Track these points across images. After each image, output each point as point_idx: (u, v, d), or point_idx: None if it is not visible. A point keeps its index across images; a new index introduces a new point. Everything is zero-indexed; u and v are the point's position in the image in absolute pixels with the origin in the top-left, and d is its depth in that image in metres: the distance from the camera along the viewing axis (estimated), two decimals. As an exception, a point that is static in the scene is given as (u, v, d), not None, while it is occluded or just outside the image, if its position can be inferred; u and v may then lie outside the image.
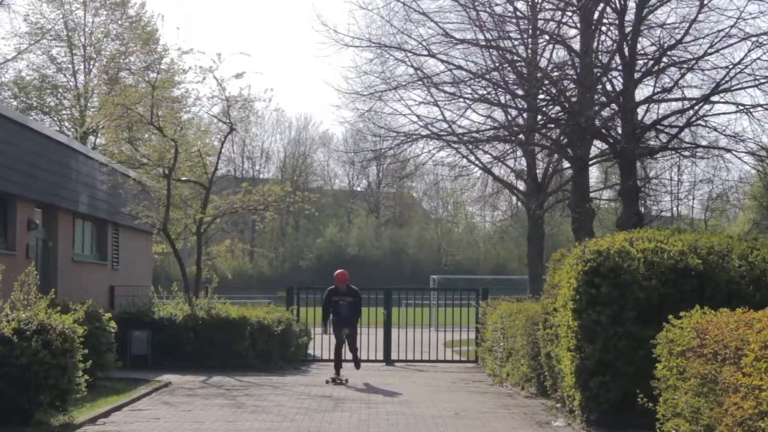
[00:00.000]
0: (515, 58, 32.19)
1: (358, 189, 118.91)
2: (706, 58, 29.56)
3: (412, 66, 32.82)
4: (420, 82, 32.84)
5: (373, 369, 27.87)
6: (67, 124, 54.66)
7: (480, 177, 43.87)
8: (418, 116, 34.35)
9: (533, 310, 20.77)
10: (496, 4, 32.06)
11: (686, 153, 33.04)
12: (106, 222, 34.38)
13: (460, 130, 34.16)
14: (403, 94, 34.30)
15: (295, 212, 39.22)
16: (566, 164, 37.07)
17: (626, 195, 30.05)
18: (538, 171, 38.88)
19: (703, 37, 29.66)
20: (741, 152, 31.37)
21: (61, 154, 29.43)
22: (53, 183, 28.36)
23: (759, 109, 29.67)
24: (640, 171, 33.74)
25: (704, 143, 32.29)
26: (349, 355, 25.96)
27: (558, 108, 31.50)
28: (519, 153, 38.46)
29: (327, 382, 24.09)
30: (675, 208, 79.64)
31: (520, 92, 32.43)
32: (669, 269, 15.34)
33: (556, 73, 31.72)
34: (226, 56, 78.31)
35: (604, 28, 30.91)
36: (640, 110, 30.74)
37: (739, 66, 28.96)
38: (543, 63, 33.13)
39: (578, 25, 31.29)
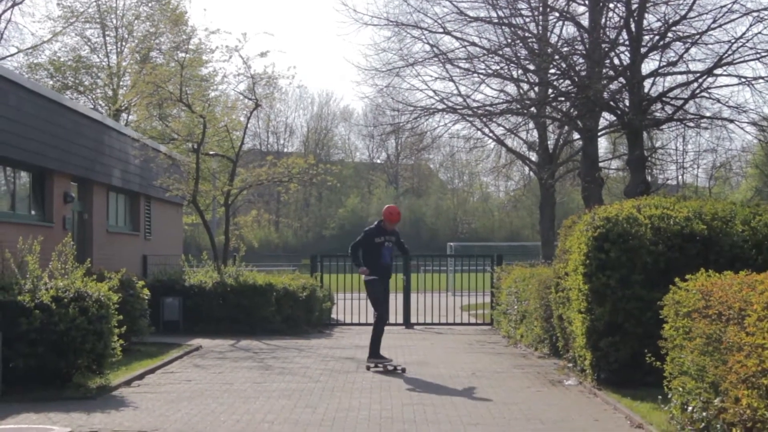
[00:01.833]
0: (527, 34, 32.12)
1: (378, 161, 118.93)
2: (709, 32, 29.53)
3: (428, 43, 32.82)
4: (436, 59, 32.82)
5: (393, 332, 27.87)
6: (101, 102, 54.73)
7: (494, 148, 44.00)
8: (434, 91, 34.40)
9: (545, 274, 20.75)
10: (509, -17, 32.00)
11: (691, 124, 33.00)
12: (139, 195, 34.44)
13: (475, 104, 34.15)
14: (420, 70, 34.28)
15: (318, 184, 39.28)
16: (576, 136, 37.05)
17: (634, 164, 30.03)
18: (549, 142, 38.88)
19: (707, 13, 29.63)
20: (743, 123, 31.38)
21: (96, 130, 29.47)
22: (88, 158, 28.41)
23: (760, 81, 29.65)
24: (646, 141, 33.79)
25: (708, 114, 32.28)
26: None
27: (568, 82, 31.47)
28: (531, 125, 38.49)
29: (368, 368, 18.95)
30: (680, 177, 79.61)
31: (531, 67, 32.39)
32: (675, 234, 15.32)
33: (565, 49, 31.65)
34: (251, 36, 78.48)
35: (611, 5, 30.82)
36: (647, 83, 30.70)
37: (741, 40, 28.91)
38: (553, 39, 33.09)
39: (587, 2, 31.22)
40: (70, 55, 55.69)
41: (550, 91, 32.80)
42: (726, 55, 29.09)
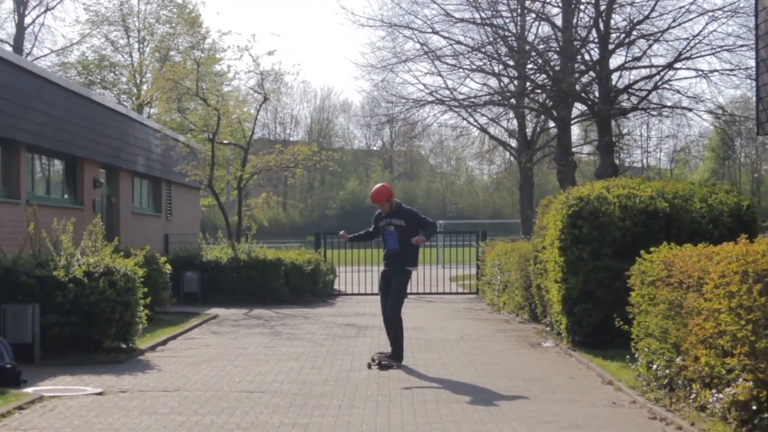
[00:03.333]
0: (507, 33, 32.17)
1: (374, 148, 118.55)
2: (670, 30, 29.66)
3: (418, 42, 32.89)
4: (425, 56, 32.89)
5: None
6: (125, 96, 54.68)
7: (478, 136, 44.05)
8: (424, 85, 34.47)
9: (525, 248, 20.77)
10: (490, -13, 32.08)
11: (654, 112, 33.15)
12: (160, 180, 34.39)
13: (461, 96, 34.22)
14: (411, 67, 34.47)
15: (321, 169, 39.31)
16: (551, 124, 37.08)
17: (603, 149, 30.10)
18: (527, 130, 38.90)
19: (667, 13, 29.76)
20: (701, 111, 31.57)
21: (121, 122, 29.41)
22: (115, 147, 28.36)
23: (715, 74, 29.80)
24: (614, 128, 33.82)
25: (669, 104, 32.36)
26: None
27: (544, 76, 31.52)
28: (511, 115, 38.49)
29: (369, 366, 14.43)
30: (645, 160, 79.60)
31: (511, 63, 32.43)
32: (640, 212, 15.32)
33: (541, 46, 31.72)
34: (259, 37, 78.22)
35: (582, 7, 30.91)
36: (614, 76, 30.82)
37: (698, 37, 29.07)
38: (530, 37, 33.11)
39: (560, 4, 31.26)
40: (96, 55, 55.67)
41: (528, 84, 32.86)
42: (685, 50, 29.24)
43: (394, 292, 14.99)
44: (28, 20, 58.88)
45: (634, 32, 29.88)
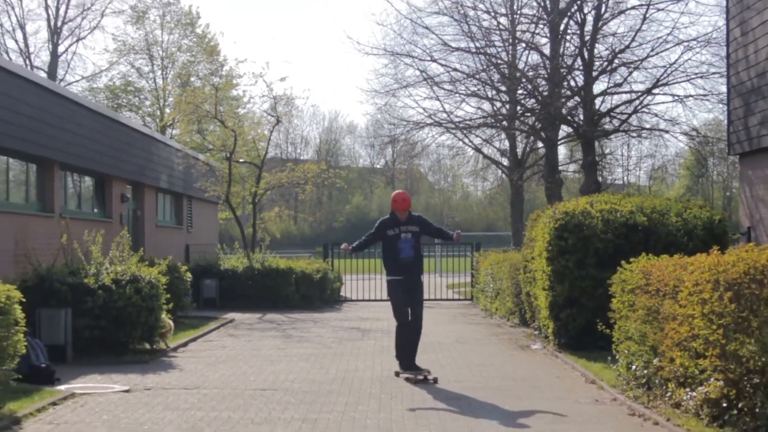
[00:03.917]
0: (499, 61, 32.28)
1: (378, 166, 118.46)
2: (648, 59, 29.79)
3: (418, 69, 33.04)
4: (425, 82, 33.05)
5: (390, 307, 27.83)
6: (149, 119, 54.77)
7: (473, 155, 44.19)
8: (423, 109, 34.66)
9: (516, 258, 20.78)
10: (484, 20, 32.33)
11: (634, 134, 33.28)
12: (182, 195, 34.43)
13: (457, 119, 34.35)
14: (412, 92, 34.57)
15: (329, 185, 39.24)
16: (540, 144, 37.14)
17: (587, 168, 30.16)
18: (518, 150, 38.96)
19: (646, 43, 29.89)
20: (677, 133, 31.67)
21: (146, 142, 29.47)
22: (140, 165, 28.42)
23: (690, 99, 29.94)
24: (598, 149, 33.89)
25: (648, 126, 32.53)
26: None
27: (533, 100, 31.63)
28: (503, 136, 38.60)
29: (397, 374, 13.51)
30: (625, 178, 79.55)
31: (503, 88, 32.54)
32: (621, 225, 15.33)
33: (531, 73, 31.83)
34: (272, 63, 78.33)
35: (568, 37, 30.99)
36: (597, 101, 30.94)
37: (675, 65, 29.21)
38: (521, 65, 33.21)
39: (548, 35, 31.40)
40: (123, 80, 55.87)
41: (519, 108, 32.94)
42: (662, 77, 29.37)
43: (420, 299, 13.80)
44: (61, 49, 59.06)
45: (616, 60, 30.00)
